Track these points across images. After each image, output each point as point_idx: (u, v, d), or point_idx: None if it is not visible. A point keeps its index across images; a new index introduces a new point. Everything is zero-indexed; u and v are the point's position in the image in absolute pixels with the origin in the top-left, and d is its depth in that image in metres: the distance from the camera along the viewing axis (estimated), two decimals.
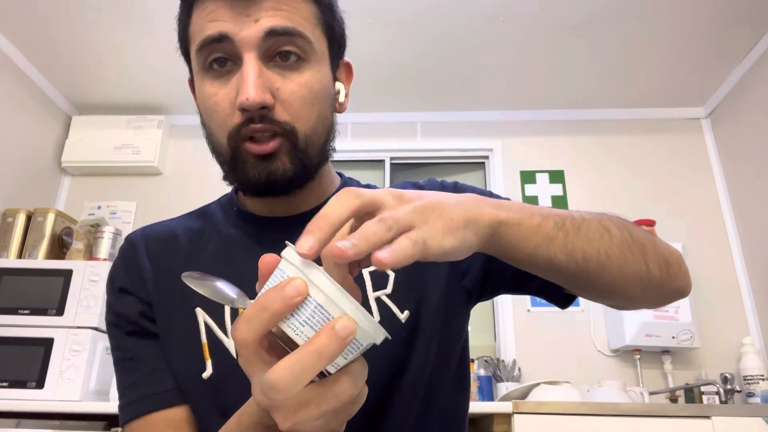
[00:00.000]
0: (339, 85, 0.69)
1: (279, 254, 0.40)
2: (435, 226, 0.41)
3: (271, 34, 0.58)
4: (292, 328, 0.37)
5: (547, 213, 0.52)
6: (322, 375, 0.39)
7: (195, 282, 0.41)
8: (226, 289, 0.41)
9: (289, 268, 0.39)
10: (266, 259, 0.41)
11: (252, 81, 0.57)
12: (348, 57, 0.73)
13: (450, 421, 0.68)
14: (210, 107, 0.62)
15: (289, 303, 0.36)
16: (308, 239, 0.38)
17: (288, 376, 0.36)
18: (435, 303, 0.66)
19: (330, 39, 0.65)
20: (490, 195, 0.72)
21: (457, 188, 0.74)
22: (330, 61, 0.66)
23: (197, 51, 0.61)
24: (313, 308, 0.37)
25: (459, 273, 0.68)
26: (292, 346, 0.38)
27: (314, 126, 0.62)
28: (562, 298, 0.67)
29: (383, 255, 0.38)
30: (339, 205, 0.40)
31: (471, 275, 0.69)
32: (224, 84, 0.60)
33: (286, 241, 0.40)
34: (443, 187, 0.74)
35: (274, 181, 0.61)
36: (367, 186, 0.78)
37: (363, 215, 0.42)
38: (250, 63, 0.58)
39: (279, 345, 0.41)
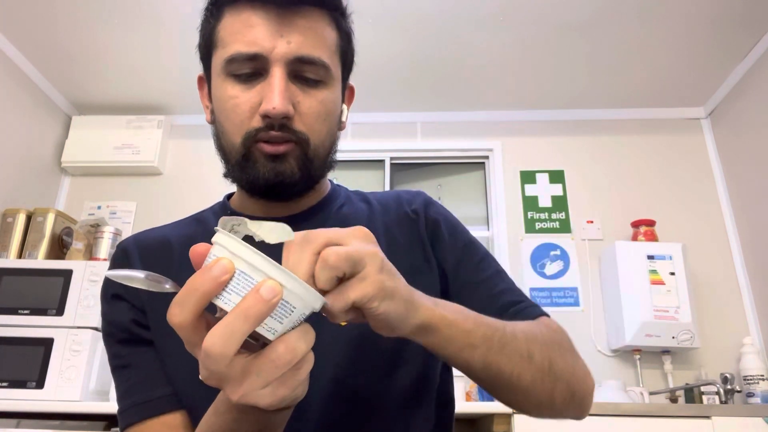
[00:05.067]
0: (343, 106, 0.74)
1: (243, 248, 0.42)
2: (396, 290, 0.45)
3: (299, 60, 0.63)
4: (221, 299, 0.39)
5: (480, 322, 0.54)
6: (264, 345, 0.41)
7: (123, 277, 0.42)
8: (157, 278, 0.43)
9: (216, 249, 0.41)
10: (197, 249, 0.43)
11: (279, 92, 0.61)
12: None
13: (443, 408, 0.71)
14: (229, 108, 0.65)
15: (218, 282, 0.38)
16: None
17: (218, 341, 0.37)
18: None
19: (343, 64, 0.72)
20: (456, 223, 0.76)
21: (429, 203, 0.77)
22: (342, 83, 0.72)
23: (227, 60, 0.64)
24: (236, 277, 0.39)
25: (435, 280, 0.72)
26: None
27: (324, 139, 0.67)
28: None
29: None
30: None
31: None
32: (247, 89, 0.64)
33: (216, 227, 0.42)
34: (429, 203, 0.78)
35: (281, 182, 0.64)
36: (356, 192, 0.81)
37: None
38: (278, 76, 0.62)
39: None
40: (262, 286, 0.38)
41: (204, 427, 0.51)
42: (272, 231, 0.42)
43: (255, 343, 0.41)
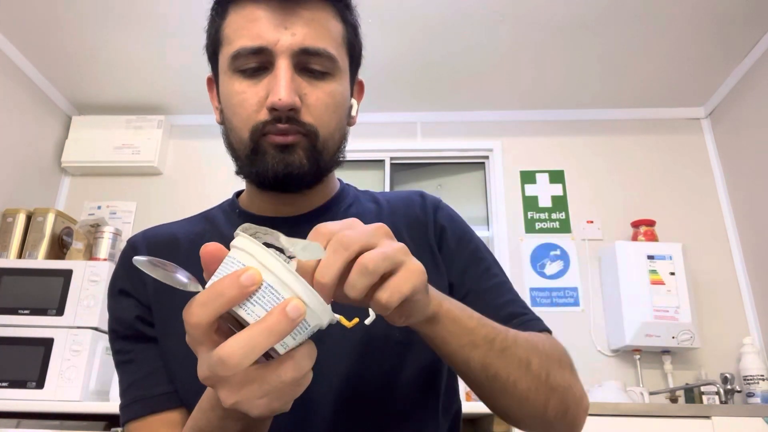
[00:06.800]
0: (352, 101, 0.74)
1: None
2: (416, 281, 0.44)
3: (305, 52, 0.63)
4: (243, 309, 0.39)
5: (484, 323, 0.55)
6: (269, 356, 0.40)
7: (147, 266, 0.41)
8: (178, 274, 0.42)
9: (240, 254, 0.40)
10: (208, 248, 0.42)
11: (285, 84, 0.61)
12: None
13: (447, 417, 0.70)
14: (237, 103, 0.64)
15: (244, 292, 0.38)
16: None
17: (238, 352, 0.37)
18: None
19: (351, 57, 0.71)
20: (465, 229, 0.76)
21: (438, 208, 0.77)
22: (349, 77, 0.72)
23: (232, 56, 0.64)
24: (263, 289, 0.39)
25: (444, 284, 0.71)
26: (239, 327, 0.40)
27: (333, 132, 0.67)
28: None
29: (383, 295, 0.42)
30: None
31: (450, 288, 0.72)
32: (253, 84, 0.64)
33: (237, 231, 0.42)
34: (433, 204, 0.78)
35: (290, 173, 0.64)
36: (364, 192, 0.80)
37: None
38: (284, 68, 0.62)
39: (224, 326, 0.42)
40: (289, 305, 0.38)
41: (191, 423, 0.52)
42: (306, 249, 0.42)
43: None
